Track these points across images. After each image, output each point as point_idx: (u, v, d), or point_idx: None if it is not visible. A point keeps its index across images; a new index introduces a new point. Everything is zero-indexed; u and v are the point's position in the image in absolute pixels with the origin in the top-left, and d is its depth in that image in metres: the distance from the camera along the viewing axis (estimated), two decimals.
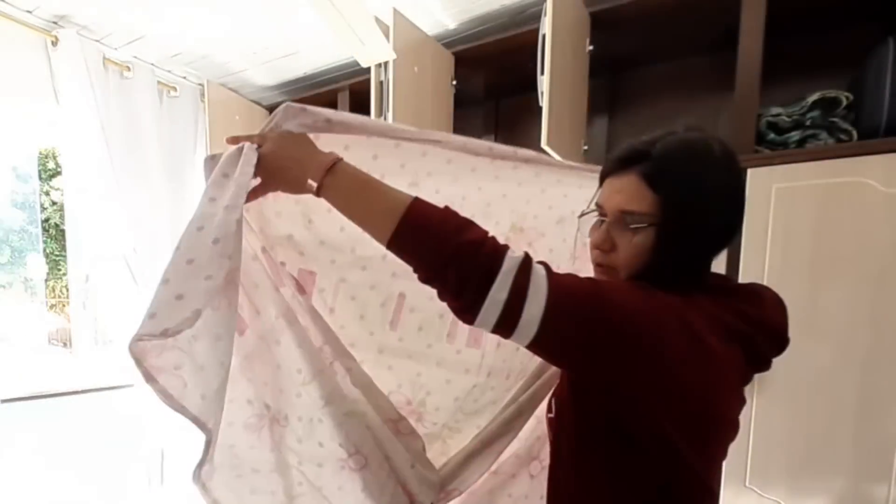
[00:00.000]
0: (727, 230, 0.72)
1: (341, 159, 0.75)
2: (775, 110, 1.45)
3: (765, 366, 0.75)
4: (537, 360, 1.07)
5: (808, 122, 1.41)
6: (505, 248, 0.66)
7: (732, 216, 0.71)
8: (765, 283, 1.39)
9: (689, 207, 0.67)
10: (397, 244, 0.69)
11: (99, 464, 2.26)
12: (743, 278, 1.41)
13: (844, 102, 1.38)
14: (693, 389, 0.65)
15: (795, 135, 1.42)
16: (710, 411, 0.68)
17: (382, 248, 0.71)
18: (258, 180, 0.78)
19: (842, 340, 1.32)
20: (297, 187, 0.76)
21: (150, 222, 2.25)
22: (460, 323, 0.94)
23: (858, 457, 1.33)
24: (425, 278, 0.68)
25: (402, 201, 0.69)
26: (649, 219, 0.68)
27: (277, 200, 0.87)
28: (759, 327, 0.71)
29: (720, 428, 0.71)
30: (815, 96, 1.40)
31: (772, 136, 1.45)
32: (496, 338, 1.03)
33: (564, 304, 0.63)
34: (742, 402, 0.76)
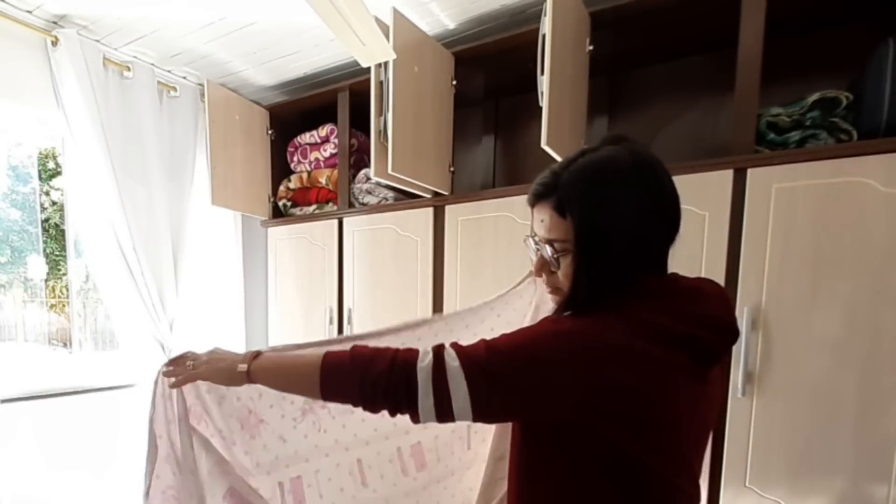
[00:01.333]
0: (656, 235, 0.74)
1: (261, 351, 0.90)
2: (775, 110, 1.45)
3: (715, 360, 0.76)
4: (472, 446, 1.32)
5: (808, 122, 1.41)
6: (413, 359, 0.74)
7: (657, 221, 0.73)
8: (764, 283, 1.39)
9: (595, 227, 0.72)
10: (328, 396, 0.80)
11: (97, 464, 2.26)
12: (742, 278, 1.41)
13: (844, 102, 1.38)
14: (632, 398, 0.68)
15: (795, 135, 1.42)
16: (657, 413, 0.70)
17: (333, 434, 1.02)
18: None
19: (842, 340, 1.33)
20: (228, 376, 0.89)
21: (149, 222, 2.25)
22: (405, 456, 1.22)
23: (858, 457, 1.33)
24: (368, 410, 0.78)
25: (315, 361, 0.80)
26: (568, 244, 0.75)
27: (263, 436, 1.08)
28: (700, 325, 0.72)
29: (673, 427, 0.73)
30: (815, 96, 1.40)
31: (772, 136, 1.45)
32: (435, 454, 1.26)
33: (483, 384, 0.71)
34: (706, 399, 0.76)
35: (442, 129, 1.95)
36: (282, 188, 2.48)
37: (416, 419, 0.74)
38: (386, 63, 1.74)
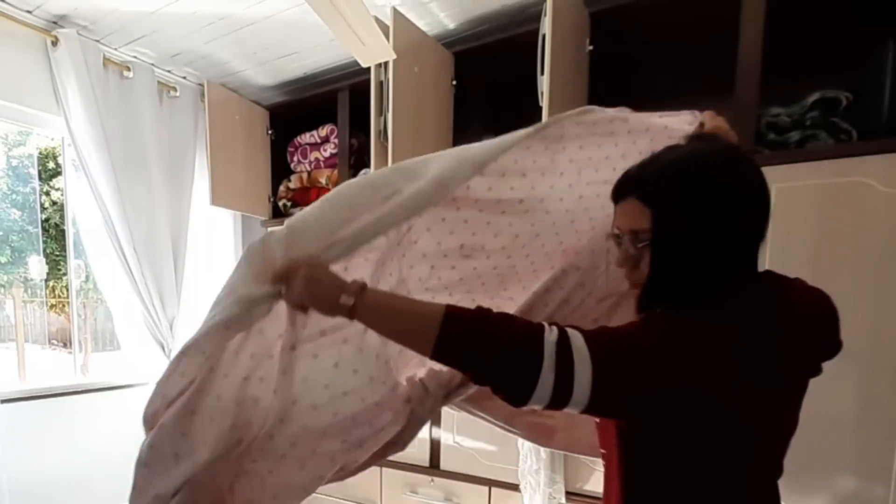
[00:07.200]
0: (741, 234, 0.73)
1: (366, 285, 0.78)
2: (775, 110, 1.45)
3: (809, 375, 0.76)
4: None
5: (808, 122, 1.41)
6: (540, 330, 0.70)
7: (743, 219, 0.72)
8: None
9: (676, 219, 0.71)
10: (440, 354, 0.73)
11: (97, 464, 2.26)
12: None
13: (844, 102, 1.38)
14: (740, 412, 0.70)
15: (795, 135, 1.43)
16: (752, 425, 0.72)
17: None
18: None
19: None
20: (328, 305, 0.78)
21: (149, 222, 2.25)
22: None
23: (858, 457, 1.33)
24: (475, 380, 0.74)
25: (436, 313, 0.72)
26: (649, 235, 0.73)
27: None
28: (794, 341, 0.72)
29: (766, 436, 0.75)
30: (815, 96, 1.40)
31: (772, 136, 1.45)
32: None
33: (609, 370, 0.68)
34: (794, 404, 0.77)
35: (442, 129, 1.95)
36: (282, 188, 2.48)
37: (524, 399, 0.69)
38: (386, 63, 1.74)
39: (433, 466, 2.10)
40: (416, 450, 2.12)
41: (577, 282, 1.06)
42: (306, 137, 2.38)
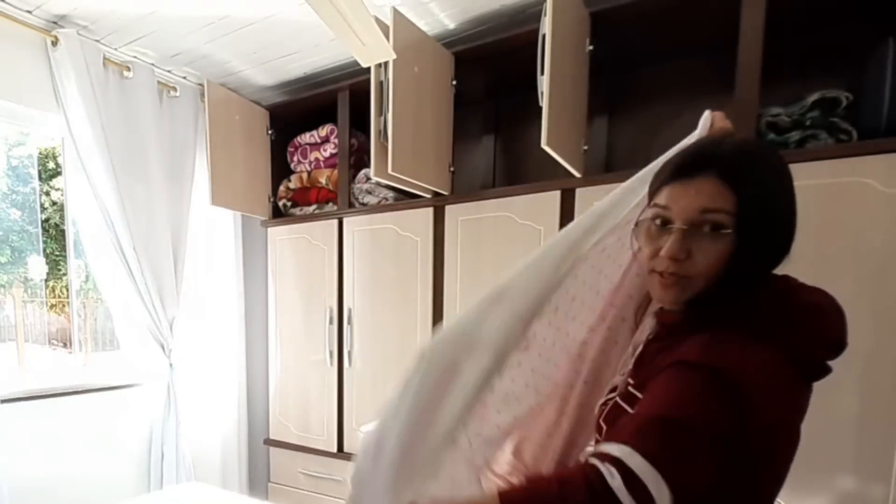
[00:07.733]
0: (791, 234, 0.71)
1: None
2: (775, 110, 1.45)
3: (824, 376, 0.74)
4: None
5: (808, 122, 1.41)
6: (600, 477, 0.59)
7: (794, 219, 0.71)
8: None
9: (767, 207, 0.67)
10: None
11: (97, 465, 2.26)
12: None
13: (844, 102, 1.38)
14: (788, 434, 0.71)
15: (795, 135, 1.42)
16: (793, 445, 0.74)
17: None
18: None
19: None
20: None
21: (149, 222, 2.25)
22: None
23: (858, 456, 1.33)
24: None
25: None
26: (729, 219, 0.66)
27: None
28: (824, 347, 0.71)
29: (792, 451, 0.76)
30: (815, 96, 1.40)
31: (772, 136, 1.45)
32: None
33: (679, 471, 0.60)
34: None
35: (442, 129, 1.95)
36: (282, 188, 2.48)
37: None
38: (386, 63, 1.74)
39: None
40: None
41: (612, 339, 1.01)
42: (306, 137, 2.38)
